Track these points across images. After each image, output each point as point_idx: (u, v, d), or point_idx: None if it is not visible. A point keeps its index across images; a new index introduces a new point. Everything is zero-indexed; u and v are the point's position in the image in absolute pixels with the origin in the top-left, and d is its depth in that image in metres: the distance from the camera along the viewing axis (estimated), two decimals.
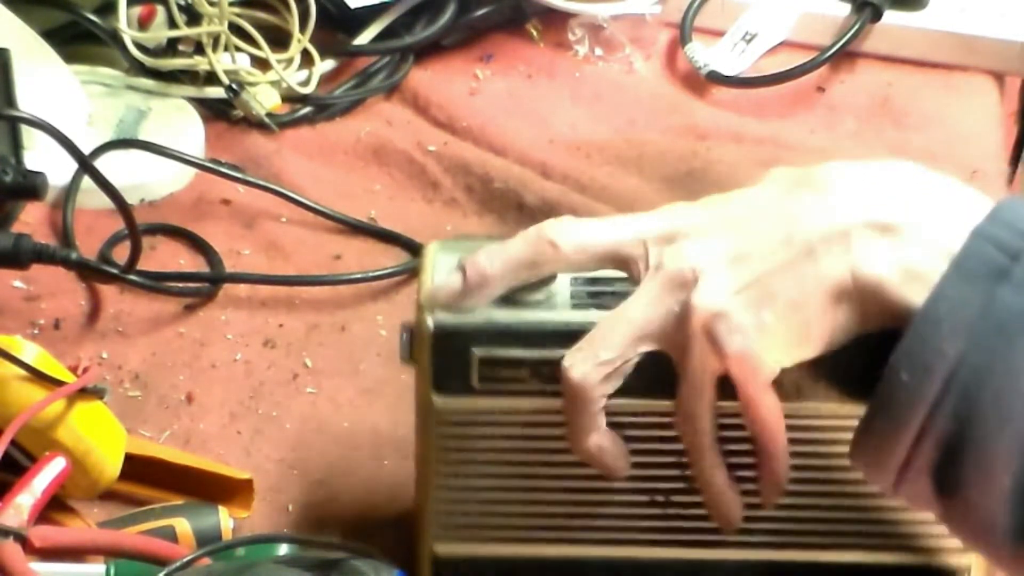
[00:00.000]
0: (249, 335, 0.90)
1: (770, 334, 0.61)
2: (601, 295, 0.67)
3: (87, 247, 0.93)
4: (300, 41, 1.08)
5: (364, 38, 1.13)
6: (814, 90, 1.14)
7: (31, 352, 0.72)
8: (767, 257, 0.61)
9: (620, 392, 0.65)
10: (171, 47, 1.06)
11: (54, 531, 0.67)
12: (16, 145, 0.96)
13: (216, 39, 1.05)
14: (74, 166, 0.92)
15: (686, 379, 0.63)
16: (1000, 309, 0.57)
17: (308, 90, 1.08)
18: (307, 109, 1.08)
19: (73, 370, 0.74)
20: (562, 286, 0.67)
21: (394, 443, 0.83)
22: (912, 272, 0.59)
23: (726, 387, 0.63)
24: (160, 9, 1.05)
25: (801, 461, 0.66)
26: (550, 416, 0.66)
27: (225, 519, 0.74)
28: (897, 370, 0.58)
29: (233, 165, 1.01)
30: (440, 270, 0.69)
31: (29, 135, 0.96)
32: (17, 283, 0.91)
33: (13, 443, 0.69)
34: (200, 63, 1.05)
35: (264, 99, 1.06)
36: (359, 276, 0.93)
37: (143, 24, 1.05)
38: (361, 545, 0.68)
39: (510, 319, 0.67)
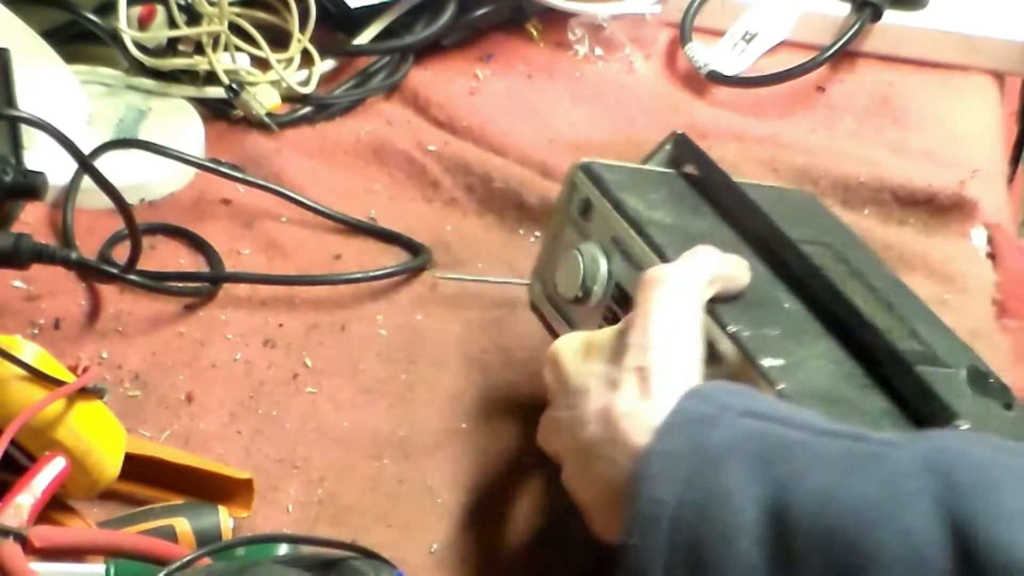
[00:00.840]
0: (249, 335, 0.90)
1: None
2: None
3: (87, 247, 0.93)
4: (300, 41, 1.08)
5: (364, 38, 1.13)
6: (814, 90, 1.14)
7: (31, 352, 0.72)
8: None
9: None
10: (171, 47, 1.06)
11: (54, 531, 0.67)
12: (16, 145, 0.96)
13: (216, 39, 1.05)
14: (74, 166, 0.92)
15: None
16: (710, 448, 0.60)
17: (308, 90, 1.08)
18: (307, 109, 1.08)
19: (73, 370, 0.73)
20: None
21: (394, 443, 0.83)
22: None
23: None
24: (160, 9, 1.05)
25: None
26: None
27: (225, 519, 0.74)
28: (628, 539, 0.59)
29: (233, 165, 1.01)
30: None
31: (29, 135, 0.96)
32: (17, 283, 0.91)
33: (13, 443, 0.69)
34: (200, 63, 1.05)
35: (264, 99, 1.06)
36: (359, 276, 0.93)
37: (143, 24, 1.05)
38: (361, 545, 0.68)
39: None
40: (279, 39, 1.08)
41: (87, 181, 0.91)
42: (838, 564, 0.55)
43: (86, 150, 0.90)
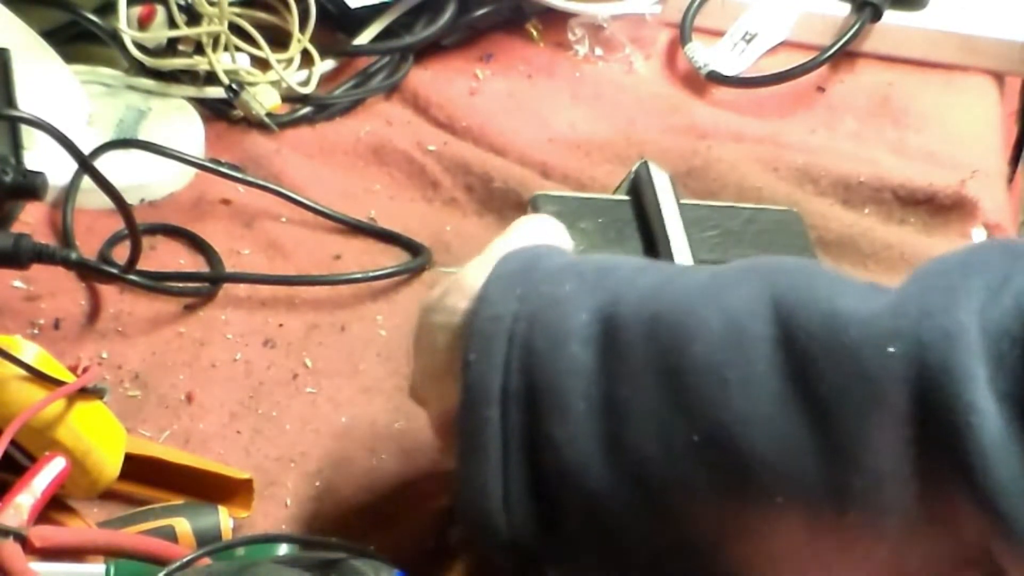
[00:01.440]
0: (249, 335, 0.90)
1: None
2: None
3: (87, 247, 0.93)
4: (300, 41, 1.08)
5: (364, 38, 1.13)
6: (814, 90, 1.14)
7: (31, 352, 0.72)
8: None
9: None
10: (171, 47, 1.06)
11: (54, 531, 0.67)
12: (16, 145, 0.96)
13: (216, 39, 1.05)
14: (74, 166, 0.92)
15: None
16: (544, 267, 0.63)
17: (308, 90, 1.08)
18: (307, 109, 1.08)
19: (73, 370, 0.73)
20: None
21: (391, 436, 0.83)
22: None
23: None
24: (160, 9, 1.05)
25: None
26: None
27: (225, 519, 0.74)
28: (466, 355, 0.61)
29: (233, 165, 1.01)
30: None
31: (29, 135, 0.96)
32: (17, 283, 0.91)
33: (13, 443, 0.69)
34: (200, 63, 1.05)
35: (264, 99, 1.06)
36: (359, 276, 0.93)
37: (143, 24, 1.05)
38: (361, 545, 0.68)
39: None
40: (279, 39, 1.08)
41: (87, 181, 0.91)
42: (662, 347, 0.57)
43: (86, 150, 0.90)
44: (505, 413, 0.59)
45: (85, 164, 0.87)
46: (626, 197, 0.84)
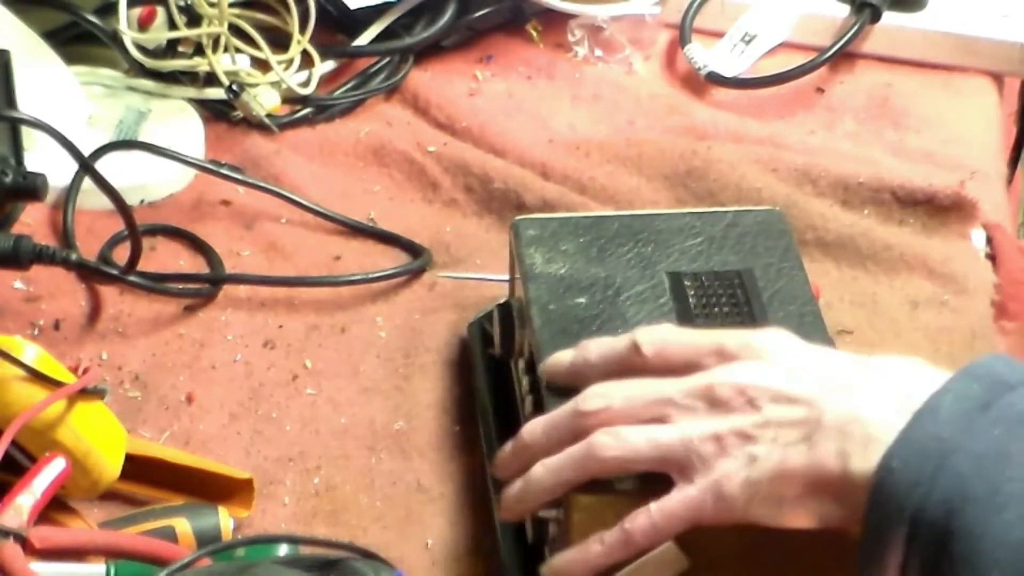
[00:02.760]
0: (249, 336, 0.90)
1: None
2: None
3: (87, 248, 0.93)
4: (300, 42, 1.08)
5: (364, 39, 1.13)
6: (814, 90, 1.14)
7: (31, 352, 0.72)
8: None
9: None
10: (171, 48, 1.06)
11: (54, 531, 0.67)
12: (16, 146, 0.96)
13: (216, 40, 1.05)
14: (74, 167, 0.92)
15: None
16: (1005, 406, 0.57)
17: (308, 91, 1.08)
18: (307, 110, 1.08)
19: (73, 370, 0.74)
20: None
21: (390, 435, 0.83)
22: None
23: None
24: (160, 10, 1.05)
25: None
26: None
27: (225, 519, 0.74)
28: (889, 460, 0.57)
29: (233, 166, 1.01)
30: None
31: (29, 136, 0.96)
32: (17, 284, 0.91)
33: (13, 443, 0.69)
34: (200, 64, 1.05)
35: (264, 100, 1.06)
36: (359, 277, 0.93)
37: (143, 25, 1.05)
38: (361, 545, 0.68)
39: None
40: (279, 40, 1.08)
41: (87, 182, 0.91)
42: None
43: (86, 151, 0.90)
44: (912, 538, 0.55)
45: (85, 165, 0.87)
46: (610, 213, 0.85)
